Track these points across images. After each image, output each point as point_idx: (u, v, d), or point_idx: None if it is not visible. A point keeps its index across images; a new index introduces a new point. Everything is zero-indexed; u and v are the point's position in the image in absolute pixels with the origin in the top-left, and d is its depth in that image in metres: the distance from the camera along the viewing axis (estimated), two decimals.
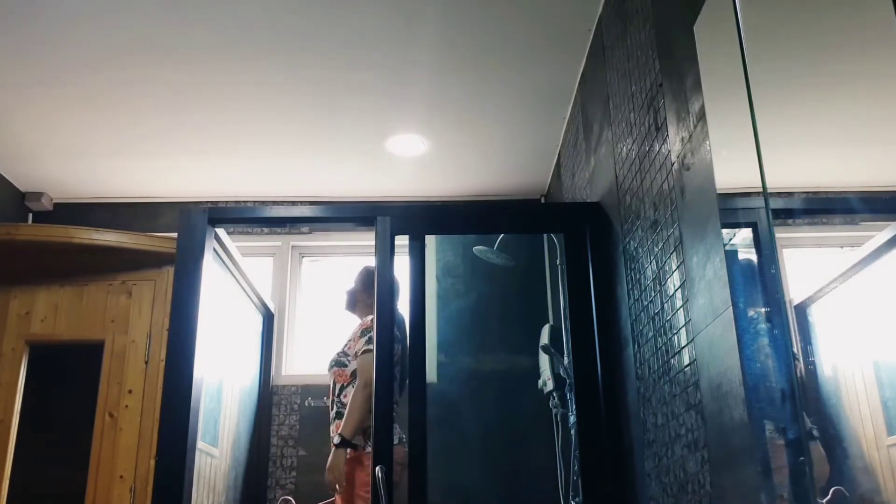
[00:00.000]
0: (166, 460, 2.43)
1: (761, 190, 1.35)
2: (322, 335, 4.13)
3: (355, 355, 3.05)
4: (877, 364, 1.14)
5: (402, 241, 2.65)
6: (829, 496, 1.12)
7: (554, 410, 3.34)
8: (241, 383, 3.57)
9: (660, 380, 2.03)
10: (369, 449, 2.70)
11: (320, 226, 4.13)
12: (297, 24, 2.78)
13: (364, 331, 3.10)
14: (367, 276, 3.25)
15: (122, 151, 3.70)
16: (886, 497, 1.06)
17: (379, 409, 2.46)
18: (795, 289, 1.32)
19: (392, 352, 2.60)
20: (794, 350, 1.29)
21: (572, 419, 3.06)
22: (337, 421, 3.04)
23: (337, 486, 2.87)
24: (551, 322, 3.59)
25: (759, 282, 1.42)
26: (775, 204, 1.34)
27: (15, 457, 3.04)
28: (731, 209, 1.55)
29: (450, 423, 3.55)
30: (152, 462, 2.93)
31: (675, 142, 1.88)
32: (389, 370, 2.52)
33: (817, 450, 1.23)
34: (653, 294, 2.09)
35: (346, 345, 3.16)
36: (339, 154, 3.77)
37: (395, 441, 2.73)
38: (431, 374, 3.58)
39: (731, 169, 1.53)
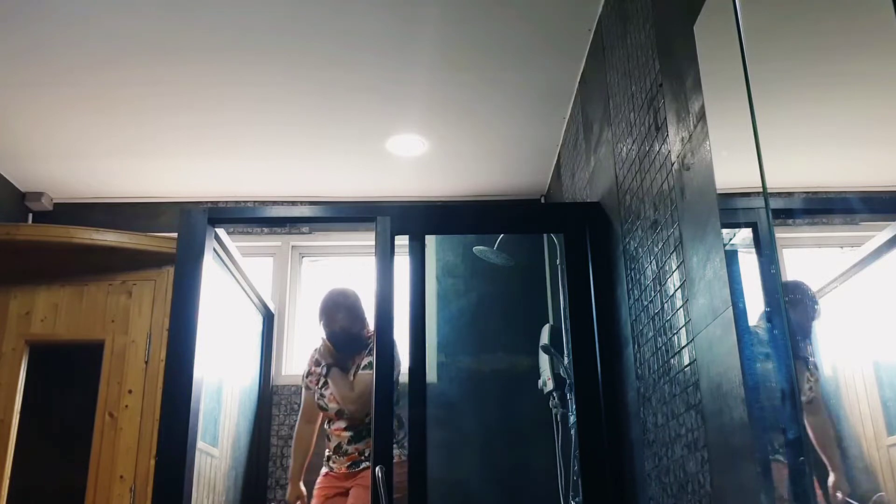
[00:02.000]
0: (166, 460, 2.43)
1: (761, 190, 1.35)
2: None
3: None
4: (877, 364, 1.14)
5: (402, 241, 2.65)
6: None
7: (554, 410, 3.34)
8: (241, 383, 3.57)
9: (660, 380, 2.03)
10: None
11: (320, 226, 4.13)
12: (297, 25, 2.78)
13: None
14: (357, 305, 3.22)
15: (122, 151, 3.70)
16: (887, 497, 1.06)
17: (379, 409, 2.46)
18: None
19: (393, 354, 2.60)
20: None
21: (572, 419, 3.06)
22: (367, 439, 3.03)
23: None
24: (551, 322, 3.59)
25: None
26: (775, 204, 1.34)
27: (15, 457, 3.03)
28: (731, 209, 1.55)
29: (450, 423, 3.55)
30: (152, 462, 2.93)
31: (675, 142, 1.88)
32: (389, 373, 2.52)
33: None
34: (653, 294, 2.09)
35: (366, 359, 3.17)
36: (339, 154, 3.77)
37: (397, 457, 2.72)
38: (431, 374, 3.58)
39: (731, 169, 1.53)
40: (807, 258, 1.37)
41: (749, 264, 1.46)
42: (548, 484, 3.38)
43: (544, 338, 3.36)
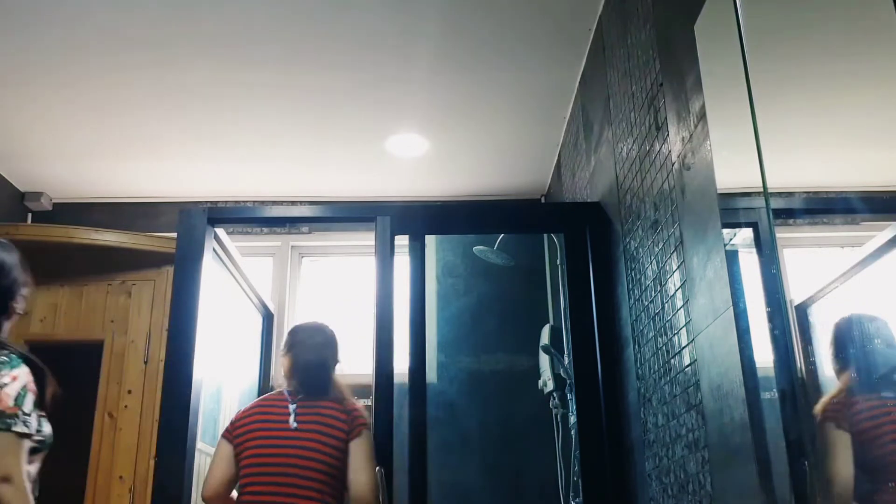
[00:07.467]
0: (166, 461, 2.43)
1: (762, 190, 1.34)
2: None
3: None
4: None
5: (402, 241, 2.65)
6: None
7: (554, 411, 3.34)
8: (240, 383, 3.56)
9: (660, 380, 2.03)
10: None
11: (320, 226, 4.13)
12: (298, 25, 2.78)
13: None
14: None
15: (122, 151, 3.70)
16: None
17: (379, 409, 2.46)
18: (796, 289, 1.31)
19: (391, 351, 2.58)
20: (795, 350, 1.29)
21: (572, 419, 3.05)
22: None
23: None
24: (551, 322, 3.59)
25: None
26: (776, 204, 1.34)
27: None
28: (731, 209, 1.54)
29: (450, 423, 3.55)
30: (152, 462, 2.93)
31: (675, 141, 1.88)
32: (389, 371, 2.51)
33: None
34: (653, 294, 2.09)
35: None
36: (339, 154, 3.77)
37: None
38: (431, 374, 3.58)
39: (732, 169, 1.53)
40: (807, 258, 1.37)
41: (750, 264, 1.46)
42: (548, 484, 3.38)
43: (544, 338, 3.36)
